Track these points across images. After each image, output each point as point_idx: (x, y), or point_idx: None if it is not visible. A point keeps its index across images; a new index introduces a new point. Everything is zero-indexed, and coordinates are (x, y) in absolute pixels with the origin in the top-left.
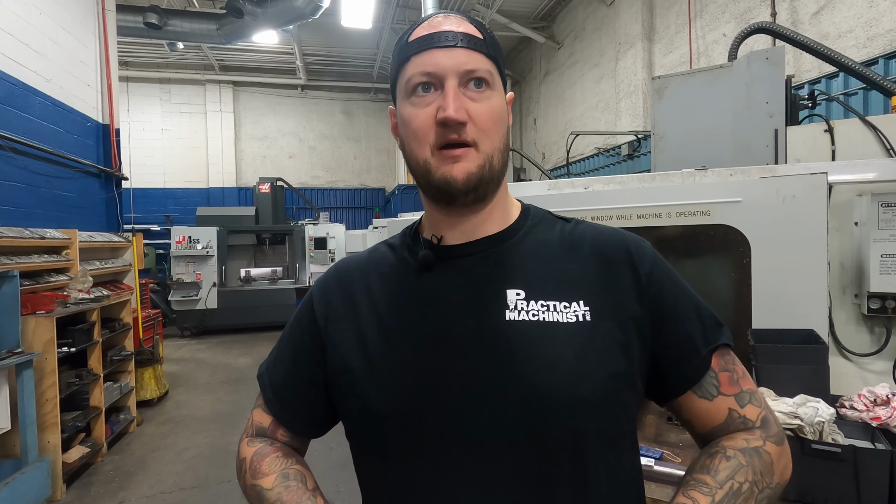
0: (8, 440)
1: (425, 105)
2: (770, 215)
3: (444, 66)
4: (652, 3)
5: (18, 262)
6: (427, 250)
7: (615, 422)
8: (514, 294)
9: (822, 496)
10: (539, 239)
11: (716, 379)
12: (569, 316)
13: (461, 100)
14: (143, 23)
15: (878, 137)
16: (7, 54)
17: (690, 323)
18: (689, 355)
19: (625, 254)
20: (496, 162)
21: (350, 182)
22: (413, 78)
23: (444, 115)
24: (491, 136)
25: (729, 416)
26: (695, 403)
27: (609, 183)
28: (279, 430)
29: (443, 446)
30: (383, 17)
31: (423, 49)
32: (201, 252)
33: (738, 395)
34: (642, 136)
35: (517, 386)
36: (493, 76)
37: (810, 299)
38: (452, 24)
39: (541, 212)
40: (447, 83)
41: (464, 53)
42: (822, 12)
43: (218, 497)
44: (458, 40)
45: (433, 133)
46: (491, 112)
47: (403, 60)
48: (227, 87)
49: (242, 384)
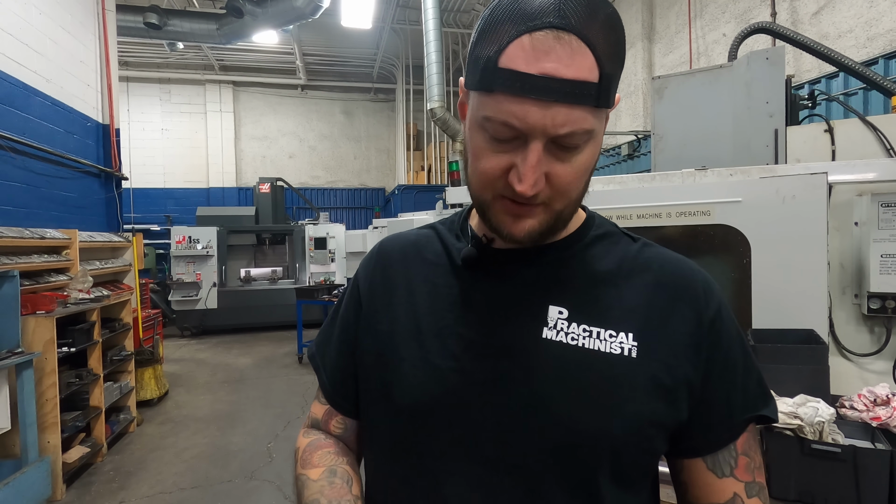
0: (8, 440)
1: (500, 152)
2: (770, 215)
3: (532, 126)
4: (652, 3)
5: (18, 262)
6: (472, 248)
7: (640, 466)
8: (556, 311)
9: (822, 496)
10: (598, 255)
11: (734, 459)
12: (613, 347)
13: (542, 168)
14: (143, 23)
15: (878, 137)
16: (7, 54)
17: (733, 383)
18: (718, 420)
19: (692, 293)
20: (568, 213)
21: (350, 182)
22: (493, 121)
23: (516, 188)
24: (569, 194)
25: (732, 501)
26: (700, 473)
27: (609, 183)
28: (332, 419)
29: (453, 451)
30: (383, 17)
31: (513, 94)
32: (201, 252)
33: (749, 484)
34: (642, 136)
35: (539, 411)
36: (593, 133)
37: (810, 299)
38: (562, 61)
39: (607, 224)
40: (531, 146)
41: (564, 112)
42: (822, 12)
43: (218, 497)
44: (562, 94)
45: (501, 183)
46: (576, 172)
47: (486, 84)
48: (227, 87)
49: (242, 384)
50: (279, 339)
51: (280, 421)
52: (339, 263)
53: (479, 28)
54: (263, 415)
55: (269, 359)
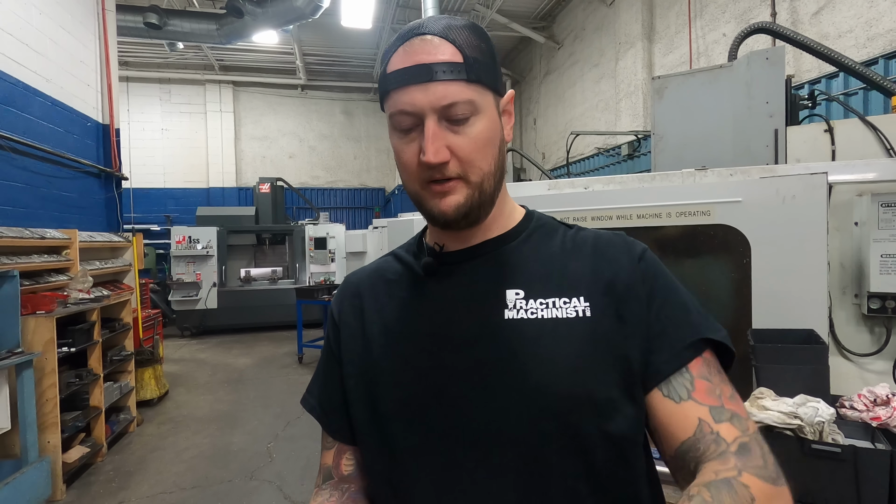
0: (8, 440)
1: (409, 141)
2: (770, 215)
3: (420, 105)
4: (652, 3)
5: (18, 262)
6: (429, 257)
7: (622, 419)
8: (513, 294)
9: (822, 496)
10: (540, 242)
11: (689, 382)
12: (568, 311)
13: (441, 139)
14: (143, 23)
15: (878, 137)
16: (7, 54)
17: (674, 310)
18: (667, 345)
19: (621, 245)
20: (487, 187)
21: (350, 182)
22: (394, 116)
23: (424, 160)
24: (478, 163)
25: (699, 428)
26: (660, 404)
27: (609, 183)
28: (342, 459)
29: (448, 442)
30: (383, 17)
31: (400, 86)
32: (201, 252)
33: (715, 408)
34: (642, 136)
35: (518, 382)
36: (475, 104)
37: (810, 299)
38: (428, 52)
39: (545, 218)
40: (427, 122)
41: (440, 87)
42: (822, 12)
43: (218, 497)
44: (434, 73)
45: (419, 170)
46: (475, 142)
47: (384, 94)
48: (227, 87)
49: (242, 384)
50: (279, 339)
51: (280, 421)
52: (339, 263)
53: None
54: (263, 415)
55: (268, 359)
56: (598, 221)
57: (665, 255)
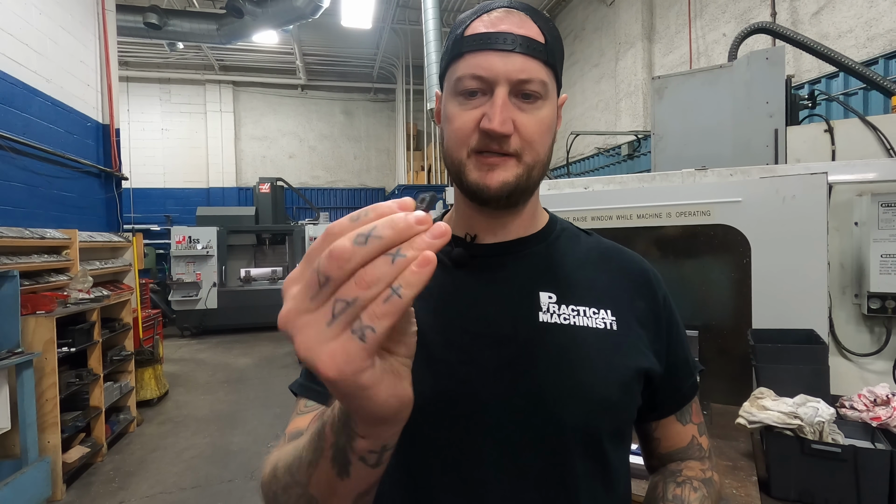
0: (8, 440)
1: (472, 108)
2: (770, 215)
3: (496, 72)
4: (652, 3)
5: (18, 262)
6: (460, 248)
7: (628, 420)
8: (546, 297)
9: (822, 496)
10: (568, 246)
11: (690, 408)
12: (597, 322)
13: (509, 110)
14: (143, 23)
15: (878, 137)
16: (7, 54)
17: (684, 349)
18: (686, 377)
19: (646, 277)
20: (536, 174)
21: (350, 182)
22: (463, 79)
23: (488, 126)
24: (536, 147)
25: (691, 442)
26: (672, 426)
27: (609, 183)
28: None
29: (476, 440)
30: (383, 17)
31: (478, 49)
32: (201, 252)
33: (700, 425)
34: (642, 136)
35: (550, 389)
36: (547, 87)
37: (810, 299)
38: (514, 24)
39: (565, 222)
40: (497, 90)
41: (521, 60)
42: (822, 12)
43: (218, 497)
44: (518, 45)
45: (474, 137)
46: (539, 124)
47: (456, 56)
48: (227, 87)
49: (242, 384)
50: (279, 339)
51: (280, 421)
52: None
53: (447, 38)
54: (263, 415)
55: (269, 359)
56: (598, 221)
57: (665, 255)
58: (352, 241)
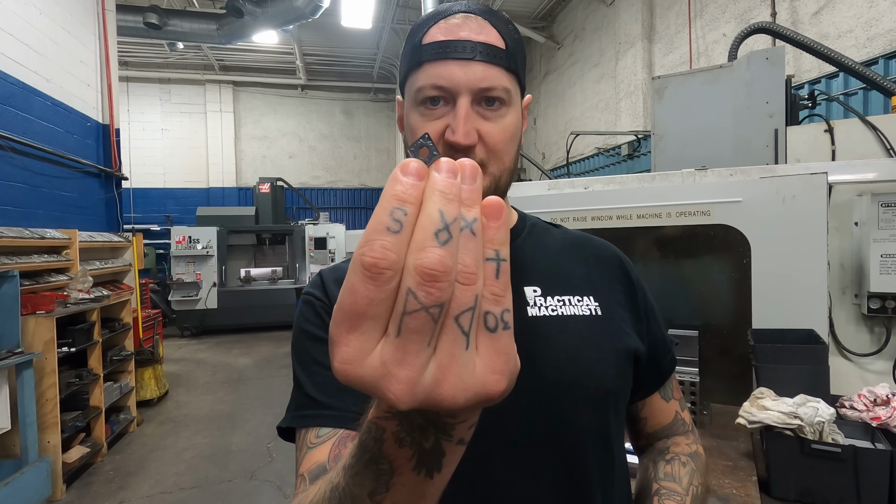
0: (8, 440)
1: (434, 118)
2: (770, 215)
3: (458, 82)
4: (652, 3)
5: (18, 262)
6: None
7: (624, 403)
8: (531, 291)
9: (822, 496)
10: (541, 240)
11: (671, 384)
12: (583, 309)
13: (472, 121)
14: (143, 23)
15: (878, 137)
16: (7, 54)
17: (660, 327)
18: (665, 352)
19: (619, 261)
20: (503, 182)
21: (350, 182)
22: (424, 89)
23: (452, 139)
24: (501, 156)
25: (675, 417)
26: (656, 403)
27: (609, 183)
28: (346, 445)
29: (482, 440)
30: (383, 17)
31: (437, 59)
32: (201, 252)
33: (681, 400)
34: (642, 136)
35: (549, 380)
36: (510, 93)
37: (810, 299)
38: (473, 31)
39: (533, 217)
40: (459, 101)
41: (481, 68)
42: (822, 12)
43: (218, 497)
44: (478, 52)
45: (439, 148)
46: (504, 132)
47: (415, 65)
48: (227, 87)
49: (242, 384)
50: (279, 339)
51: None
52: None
53: (404, 44)
54: (263, 415)
55: (268, 359)
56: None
57: (665, 255)
58: (436, 246)
